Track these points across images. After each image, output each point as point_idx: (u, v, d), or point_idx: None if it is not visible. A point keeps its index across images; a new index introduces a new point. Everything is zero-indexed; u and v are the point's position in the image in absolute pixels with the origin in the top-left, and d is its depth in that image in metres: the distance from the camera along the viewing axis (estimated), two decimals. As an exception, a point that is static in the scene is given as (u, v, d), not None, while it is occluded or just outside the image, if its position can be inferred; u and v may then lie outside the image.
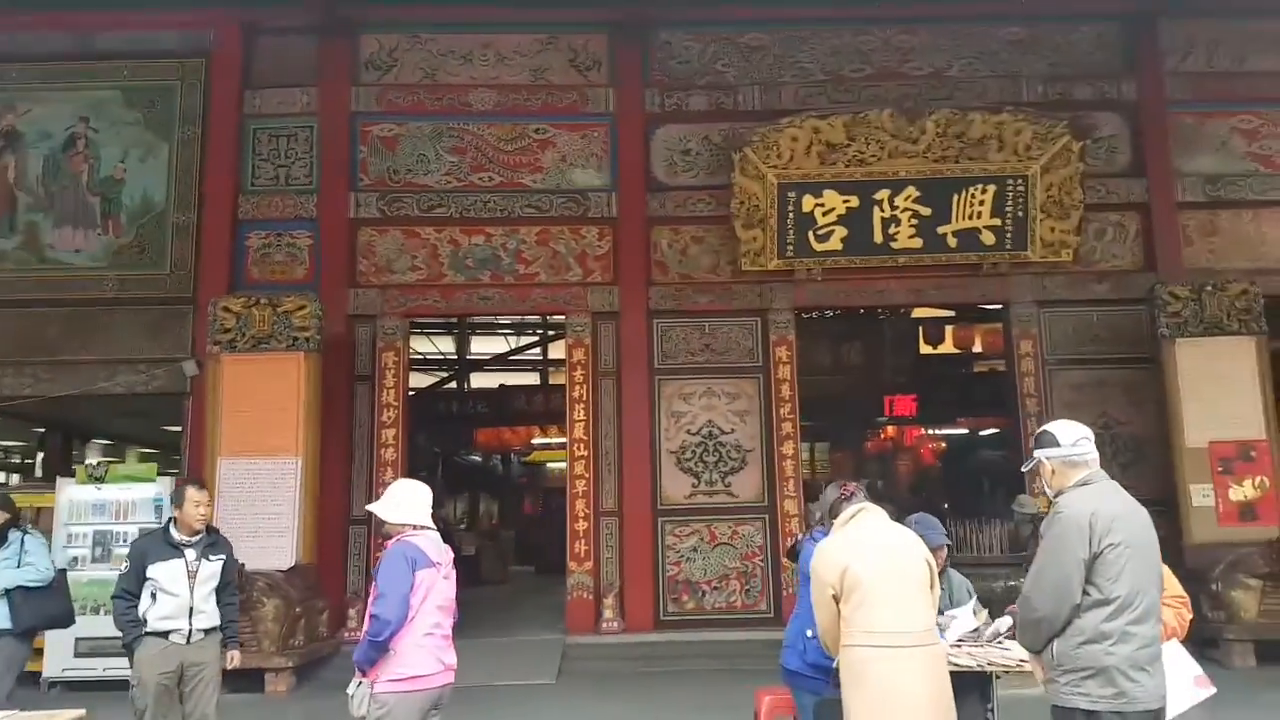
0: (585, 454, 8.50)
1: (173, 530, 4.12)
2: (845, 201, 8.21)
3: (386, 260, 8.89)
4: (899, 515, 3.43)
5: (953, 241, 8.23)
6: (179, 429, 13.96)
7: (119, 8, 8.91)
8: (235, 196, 8.85)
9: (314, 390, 7.79)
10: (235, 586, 4.35)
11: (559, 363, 15.88)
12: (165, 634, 3.97)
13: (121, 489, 7.33)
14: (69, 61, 9.12)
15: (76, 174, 8.97)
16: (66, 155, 9.00)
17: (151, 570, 3.98)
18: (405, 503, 3.35)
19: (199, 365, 8.17)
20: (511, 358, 15.78)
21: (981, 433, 14.93)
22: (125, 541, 7.24)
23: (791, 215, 8.36)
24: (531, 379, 16.36)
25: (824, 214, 8.28)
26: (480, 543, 14.92)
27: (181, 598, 3.98)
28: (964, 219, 8.13)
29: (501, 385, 15.87)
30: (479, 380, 16.70)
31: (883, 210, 8.19)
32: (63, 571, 5.22)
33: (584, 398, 8.60)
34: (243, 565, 6.64)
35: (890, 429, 15.38)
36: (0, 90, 9.05)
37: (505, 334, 15.27)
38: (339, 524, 8.35)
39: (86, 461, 10.23)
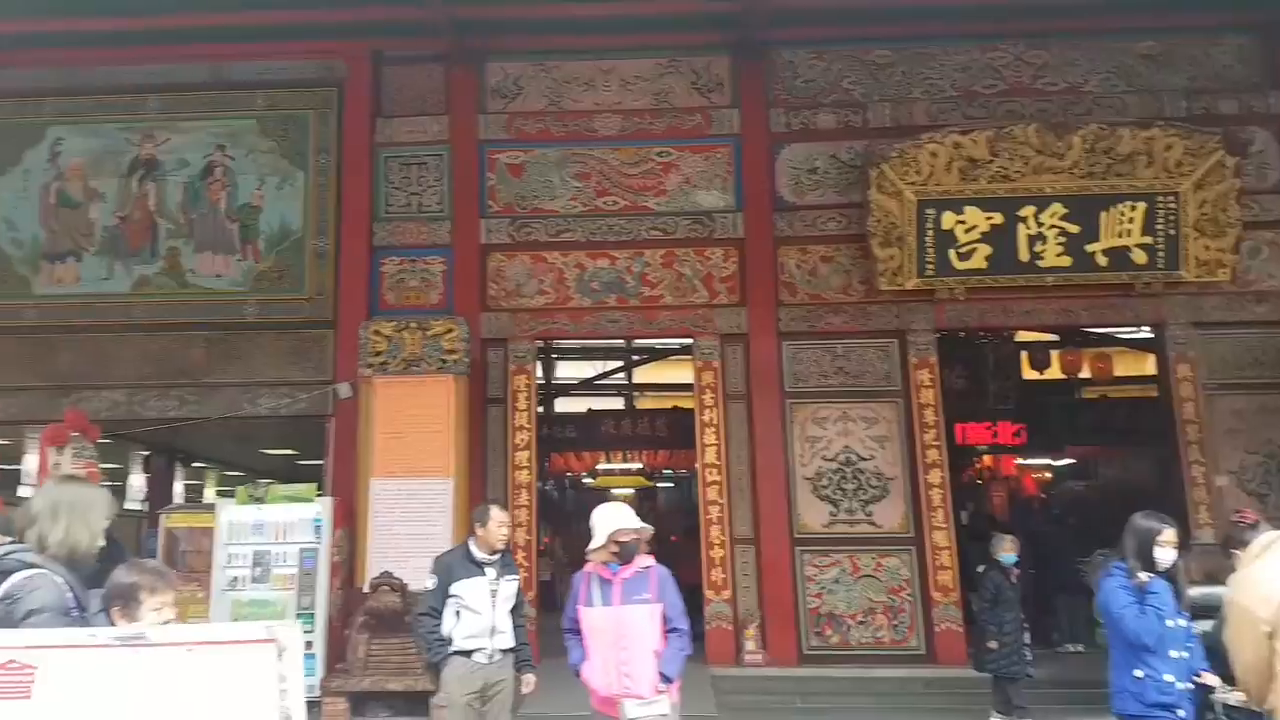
0: (718, 479, 8.77)
1: (473, 548, 4.44)
2: (988, 219, 8.42)
3: (516, 284, 9.32)
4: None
5: (1102, 260, 8.38)
6: (288, 451, 14.75)
7: (253, 39, 9.51)
8: (370, 223, 9.39)
9: (463, 412, 8.23)
10: (524, 608, 4.63)
11: (643, 388, 16.36)
12: (469, 653, 4.28)
13: (282, 509, 7.80)
14: (205, 91, 9.77)
15: (215, 201, 9.59)
16: (205, 183, 9.63)
17: (456, 588, 4.31)
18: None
19: (352, 388, 8.61)
20: (597, 382, 16.11)
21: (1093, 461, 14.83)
22: (285, 561, 7.74)
23: (931, 233, 8.58)
24: (616, 403, 16.67)
25: (965, 231, 8.49)
26: (556, 568, 15.24)
27: (484, 616, 4.30)
28: (1113, 237, 8.29)
29: (590, 410, 16.23)
30: (564, 405, 17.13)
31: (1028, 227, 8.39)
32: None
33: (714, 421, 8.89)
34: (407, 585, 7.06)
35: (988, 458, 15.35)
36: (140, 120, 9.75)
37: (594, 358, 15.62)
38: (474, 546, 8.71)
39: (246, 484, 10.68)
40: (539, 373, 16.96)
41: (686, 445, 15.38)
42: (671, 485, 20.71)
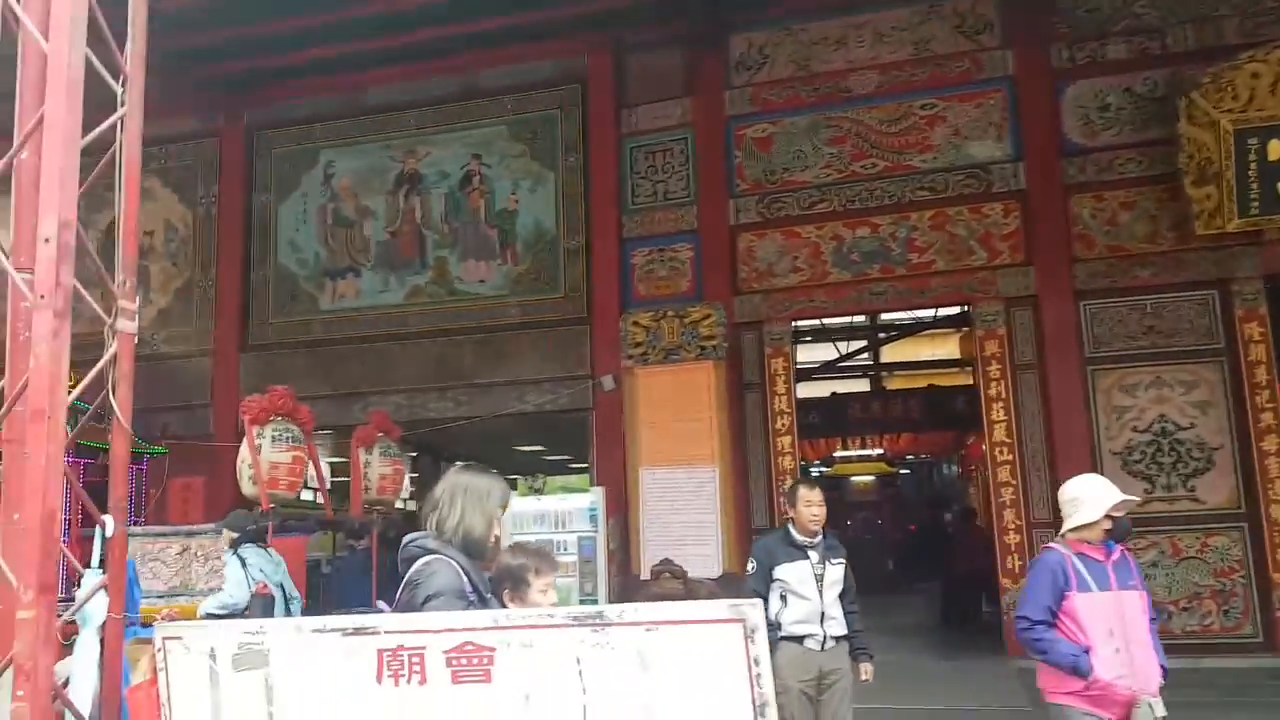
0: (1010, 458, 8.12)
1: (792, 531, 4.33)
2: (1328, 143, 7.20)
3: (768, 264, 9.10)
4: None
5: None
6: (537, 447, 15.42)
7: (500, 45, 9.87)
8: (619, 216, 9.50)
9: (724, 399, 8.12)
10: (855, 593, 4.47)
11: (891, 366, 15.63)
12: (800, 639, 4.17)
13: (559, 500, 8.03)
14: (458, 102, 10.27)
15: (475, 209, 10.08)
16: (464, 192, 10.14)
17: (779, 571, 4.20)
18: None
19: (615, 380, 8.76)
20: (840, 364, 15.56)
21: None
22: (565, 550, 7.93)
23: (1254, 165, 7.48)
24: (860, 386, 16.06)
25: (1298, 160, 7.30)
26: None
27: (812, 602, 4.17)
28: None
29: (834, 394, 15.74)
30: (805, 390, 16.74)
31: (1383, 149, 7.08)
32: (259, 598, 5.32)
33: (1002, 395, 8.23)
34: (686, 571, 7.02)
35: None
36: (402, 137, 10.41)
37: (835, 340, 15.09)
38: (742, 534, 8.58)
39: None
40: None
41: (941, 427, 14.66)
42: (907, 472, 19.78)
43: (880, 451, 15.61)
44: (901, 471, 17.84)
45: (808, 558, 4.18)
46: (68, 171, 2.33)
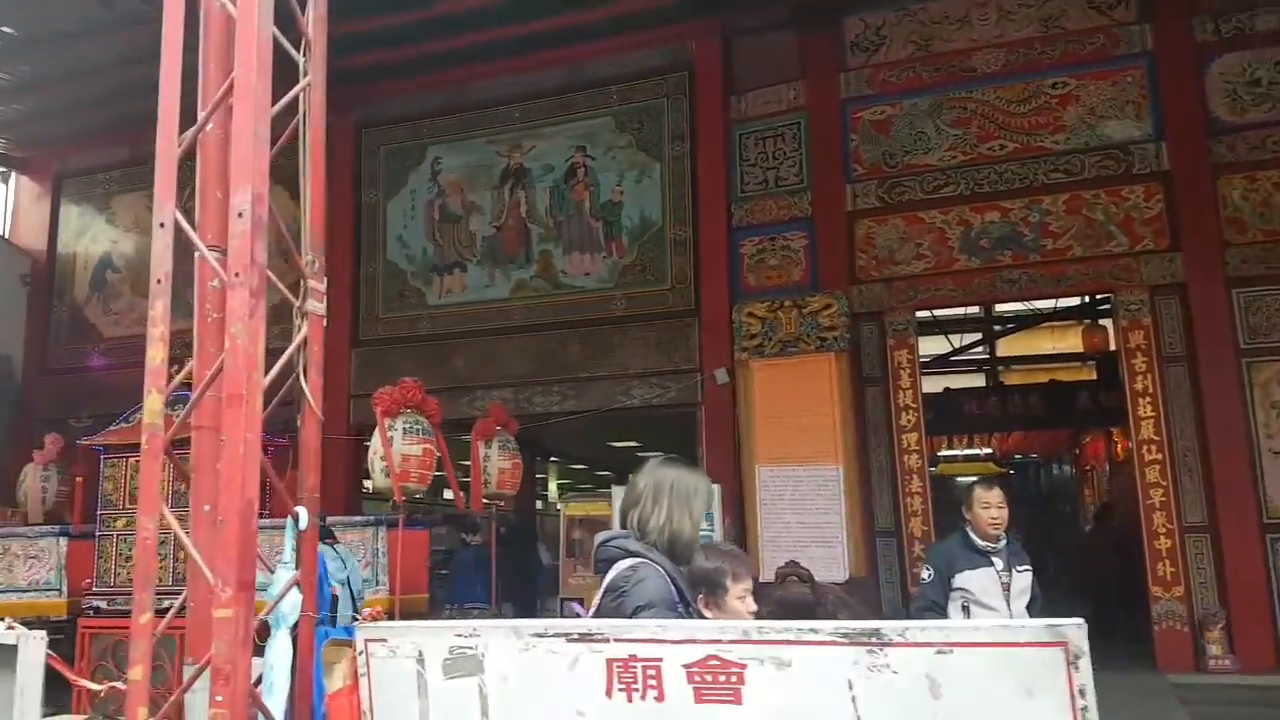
0: (1159, 457, 7.58)
1: (972, 535, 4.04)
2: None
3: (888, 251, 8.73)
4: None
5: None
6: (631, 444, 15.27)
7: (605, 35, 9.70)
8: (727, 205, 9.24)
9: (846, 393, 7.80)
10: (1042, 604, 4.16)
11: (1009, 360, 14.96)
12: None
13: (674, 498, 7.80)
14: (562, 95, 10.16)
15: (579, 202, 9.95)
16: (569, 185, 10.02)
17: (960, 580, 3.92)
18: None
19: (728, 373, 8.52)
20: (953, 358, 14.96)
21: None
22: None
23: None
24: (976, 381, 15.42)
25: None
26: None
27: (999, 613, 3.87)
28: None
29: (947, 389, 15.15)
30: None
31: None
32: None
33: (1148, 390, 7.70)
34: (812, 575, 6.73)
35: None
36: (508, 131, 10.34)
37: (948, 333, 14.50)
38: (866, 536, 8.24)
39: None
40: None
41: (1060, 424, 13.98)
42: (1013, 472, 18.97)
43: (989, 451, 14.97)
44: (1008, 472, 17.12)
45: (991, 564, 3.87)
46: (259, 141, 2.20)
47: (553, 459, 17.82)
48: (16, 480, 9.09)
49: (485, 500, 7.11)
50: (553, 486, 20.00)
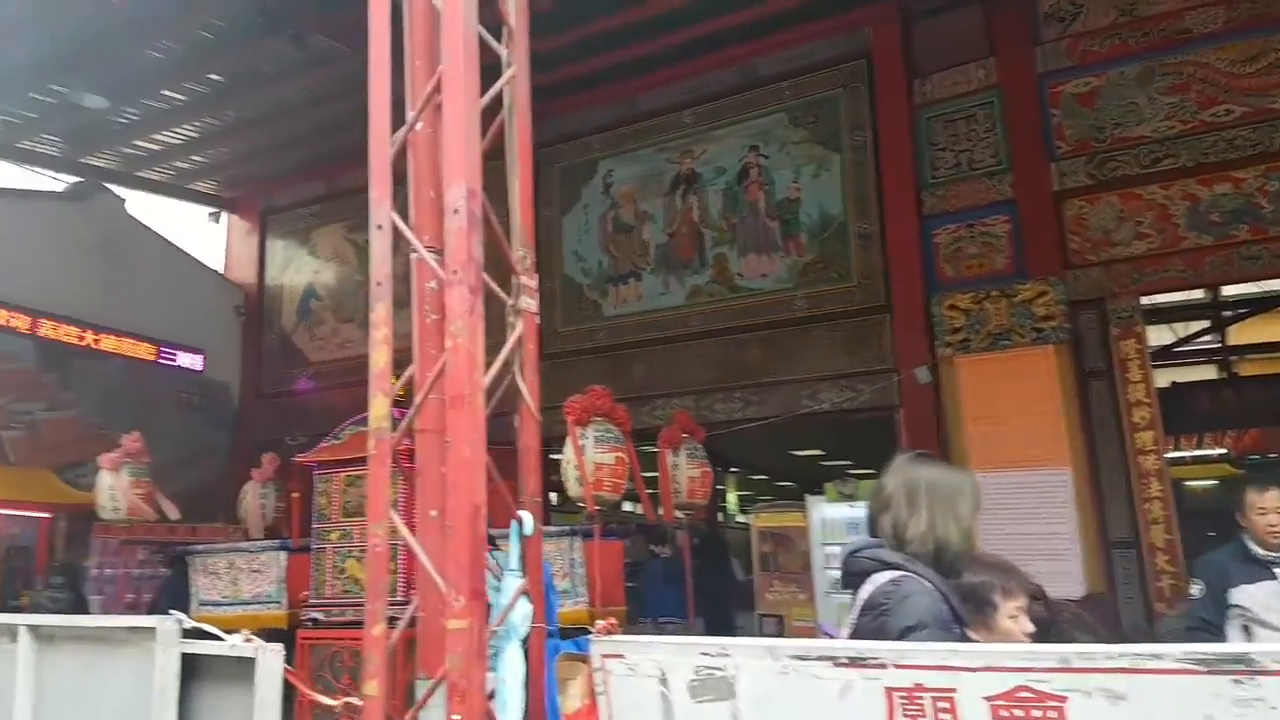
0: None
1: (1249, 544, 3.55)
2: None
3: (1103, 232, 7.97)
4: None
5: None
6: (814, 451, 14.82)
7: (776, 29, 9.45)
8: (916, 194, 8.75)
9: (1069, 388, 7.14)
10: None
11: (1243, 350, 13.40)
12: None
13: (873, 506, 7.39)
14: (733, 95, 9.98)
15: (753, 202, 9.72)
16: (742, 186, 9.82)
17: (1237, 595, 3.43)
18: None
19: (930, 371, 8.04)
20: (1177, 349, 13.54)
21: None
22: (885, 562, 7.29)
23: None
24: (1205, 373, 13.89)
25: None
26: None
27: None
28: None
29: (1174, 383, 13.74)
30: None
31: None
32: None
33: None
34: (1044, 591, 6.14)
35: None
36: (678, 138, 10.27)
37: (1170, 321, 13.14)
38: (1101, 547, 7.50)
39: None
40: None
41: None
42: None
43: (1224, 451, 13.43)
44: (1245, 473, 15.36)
45: (1274, 577, 3.33)
46: (470, 134, 2.12)
47: (732, 469, 17.58)
48: (238, 498, 9.80)
49: (676, 510, 6.98)
50: (731, 498, 19.75)
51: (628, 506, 12.26)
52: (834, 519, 7.61)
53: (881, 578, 2.01)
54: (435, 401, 2.20)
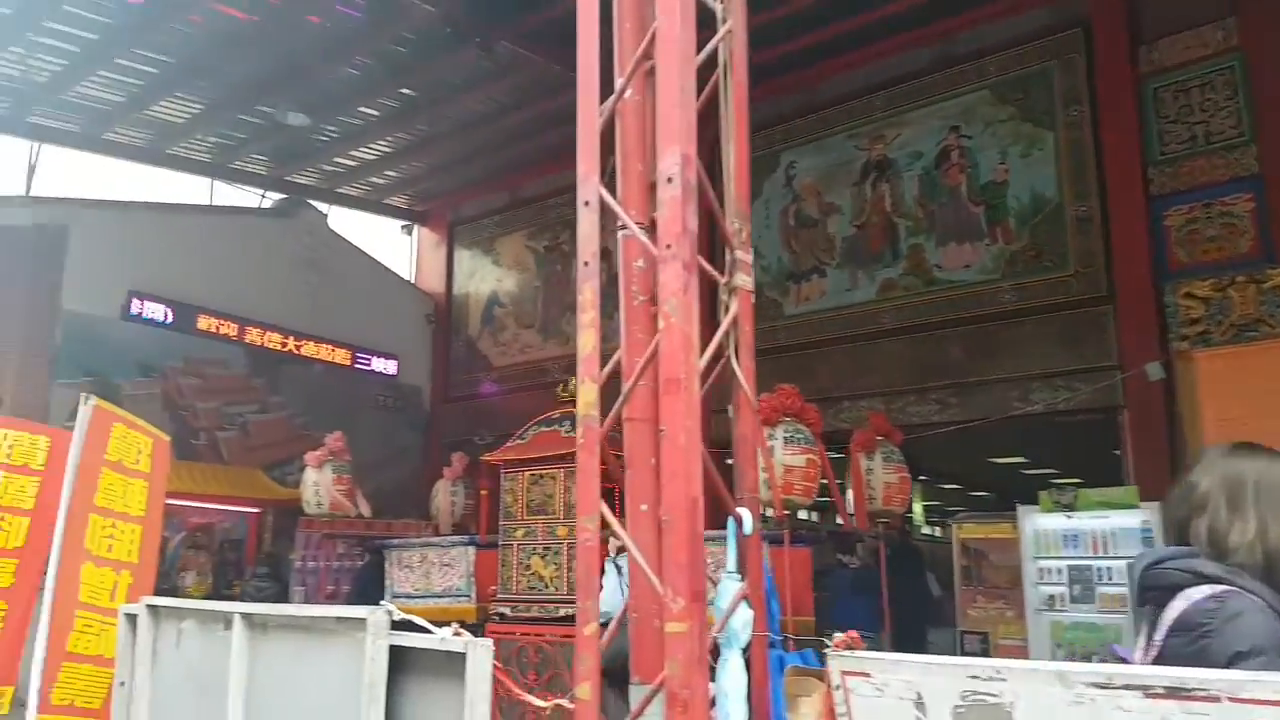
0: None
1: None
2: None
3: (1376, 207, 6.94)
4: None
5: None
6: (1014, 459, 13.88)
7: (977, 3, 8.88)
8: (1143, 172, 7.99)
9: (1340, 387, 6.22)
10: None
11: None
12: None
13: (1097, 518, 6.77)
14: (930, 75, 9.46)
15: (954, 187, 9.18)
16: (940, 170, 9.28)
17: None
18: None
19: (1163, 368, 7.29)
20: None
21: None
22: (1110, 579, 6.67)
23: None
24: None
25: None
26: None
27: None
28: None
29: None
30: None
31: None
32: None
33: None
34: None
35: None
36: (869, 123, 9.85)
37: None
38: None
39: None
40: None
41: None
42: None
43: None
44: None
45: None
46: (685, 95, 1.98)
47: (920, 477, 16.75)
48: (429, 495, 10.24)
49: (872, 518, 6.62)
50: (917, 508, 18.86)
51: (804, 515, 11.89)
52: (1049, 530, 7.00)
53: (1198, 593, 1.68)
54: (644, 389, 2.08)
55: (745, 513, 2.01)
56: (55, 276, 10.04)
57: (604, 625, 4.90)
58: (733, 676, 1.86)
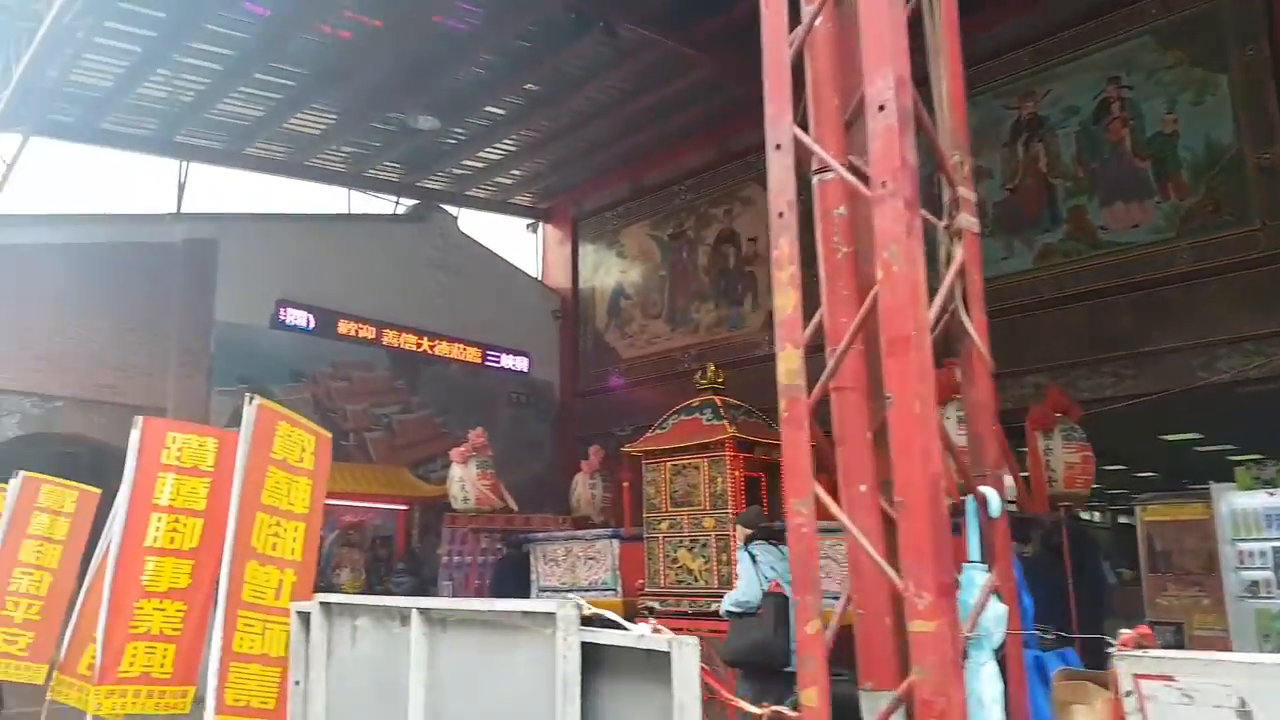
0: None
1: None
2: None
3: None
4: None
5: None
6: (1187, 435, 12.80)
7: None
8: (1342, 106, 7.12)
9: None
10: None
11: None
12: None
13: (1302, 497, 6.09)
14: (1082, 24, 8.78)
15: (1117, 142, 8.50)
16: (1100, 125, 8.61)
17: None
18: None
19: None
20: None
21: None
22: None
23: None
24: None
25: None
26: None
27: None
28: None
29: None
30: None
31: None
32: (772, 596, 4.75)
33: None
34: None
35: None
36: (1016, 80, 9.22)
37: None
38: None
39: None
40: None
41: None
42: None
43: None
44: None
45: None
46: (895, 10, 1.73)
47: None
48: (567, 489, 10.22)
49: (1052, 501, 6.12)
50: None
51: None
52: (1248, 510, 6.35)
53: None
54: (855, 353, 1.84)
55: (991, 492, 1.74)
56: (208, 289, 10.54)
57: (738, 616, 4.75)
58: (987, 682, 1.60)
